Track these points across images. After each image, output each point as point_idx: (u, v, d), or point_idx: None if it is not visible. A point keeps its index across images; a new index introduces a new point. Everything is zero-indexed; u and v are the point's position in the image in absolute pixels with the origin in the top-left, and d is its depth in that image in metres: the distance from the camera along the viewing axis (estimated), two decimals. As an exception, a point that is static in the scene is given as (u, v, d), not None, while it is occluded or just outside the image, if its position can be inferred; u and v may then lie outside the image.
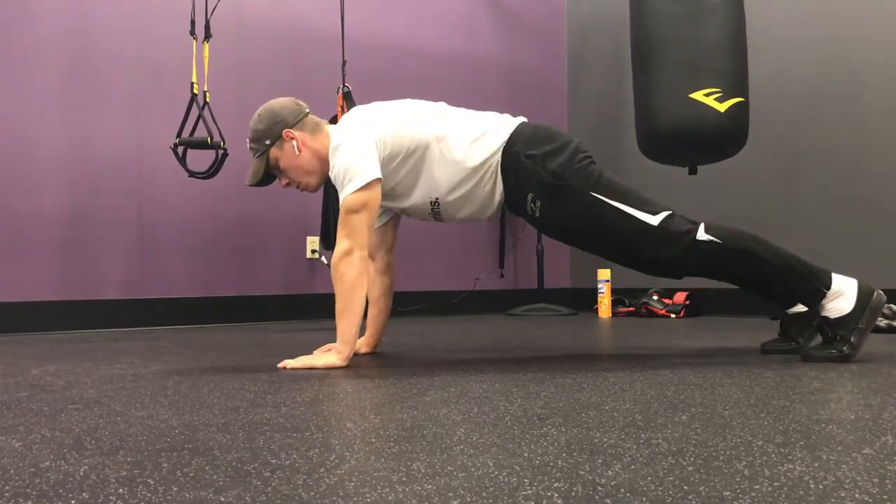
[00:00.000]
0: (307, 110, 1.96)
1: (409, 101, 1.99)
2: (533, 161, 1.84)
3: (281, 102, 1.95)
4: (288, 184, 1.98)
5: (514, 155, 1.86)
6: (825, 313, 1.79)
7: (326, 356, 1.81)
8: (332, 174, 1.85)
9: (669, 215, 1.81)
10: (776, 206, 3.59)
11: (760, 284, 1.87)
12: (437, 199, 1.93)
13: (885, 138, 3.24)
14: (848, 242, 3.31)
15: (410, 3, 4.12)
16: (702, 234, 1.79)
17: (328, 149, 1.88)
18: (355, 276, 1.77)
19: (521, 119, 1.97)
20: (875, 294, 1.78)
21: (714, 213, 3.78)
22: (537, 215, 1.88)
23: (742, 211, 3.71)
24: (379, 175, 1.80)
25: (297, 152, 1.90)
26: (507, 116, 1.97)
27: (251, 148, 1.94)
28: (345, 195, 1.79)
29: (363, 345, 2.13)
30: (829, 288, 1.78)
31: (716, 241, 1.79)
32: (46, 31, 3.13)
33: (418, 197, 1.93)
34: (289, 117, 1.91)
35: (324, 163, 1.91)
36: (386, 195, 1.92)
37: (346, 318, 1.79)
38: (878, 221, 3.24)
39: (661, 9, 2.67)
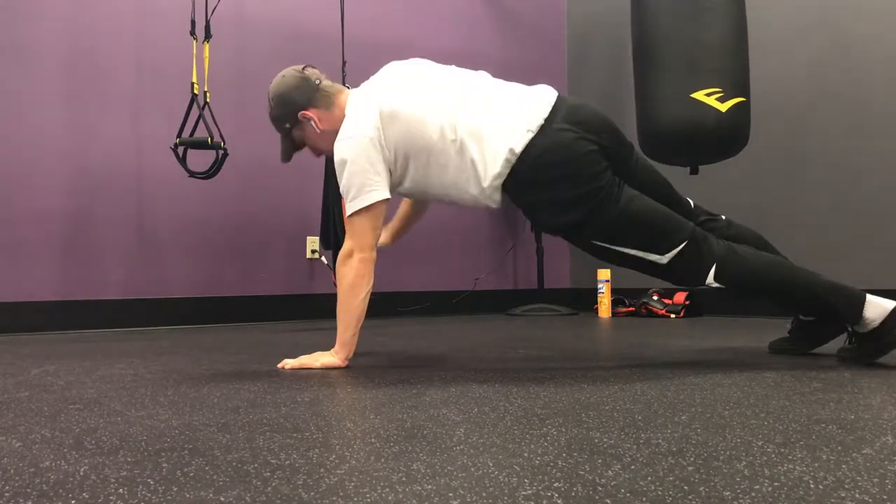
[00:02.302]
0: (316, 82, 1.90)
1: (428, 78, 1.87)
2: (536, 204, 1.75)
3: (288, 84, 1.89)
4: (320, 153, 1.98)
5: (518, 185, 1.73)
6: (861, 329, 1.71)
7: (325, 356, 1.81)
8: (339, 184, 1.82)
9: (680, 253, 1.71)
10: (777, 205, 3.59)
11: (792, 305, 1.85)
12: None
13: (886, 138, 3.24)
14: (849, 242, 3.31)
15: (410, 3, 4.12)
16: (710, 282, 1.72)
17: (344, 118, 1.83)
18: (352, 277, 1.77)
19: (541, 116, 1.73)
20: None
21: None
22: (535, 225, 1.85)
23: (743, 210, 3.71)
24: (382, 197, 1.77)
25: (318, 130, 1.88)
26: (528, 107, 1.75)
27: (276, 129, 1.95)
28: (349, 210, 1.79)
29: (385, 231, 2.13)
30: (864, 301, 1.69)
31: (725, 289, 1.74)
32: (47, 31, 3.13)
33: (465, 188, 1.79)
34: (300, 99, 1.88)
35: None
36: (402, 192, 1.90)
37: (343, 320, 1.79)
38: (879, 221, 3.24)
39: (662, 8, 2.67)
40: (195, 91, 2.98)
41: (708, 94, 2.56)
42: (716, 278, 1.71)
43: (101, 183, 3.22)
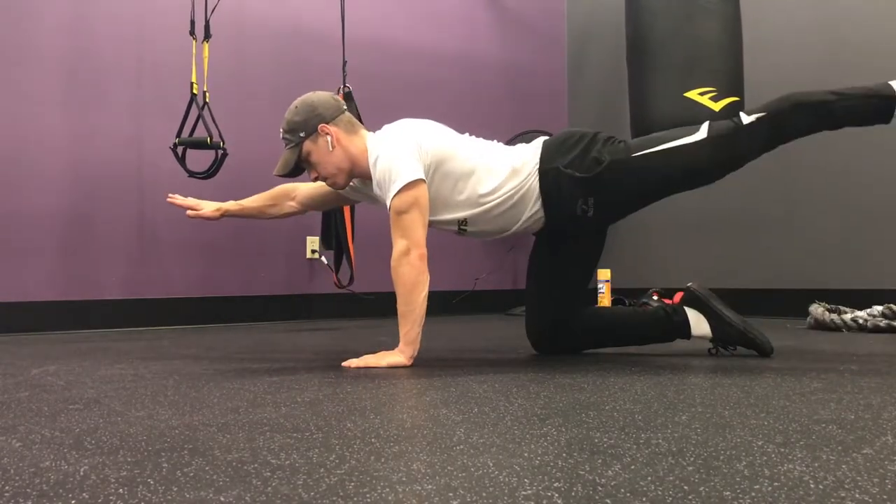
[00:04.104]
0: (344, 107, 1.97)
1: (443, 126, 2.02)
2: (573, 167, 1.85)
3: (320, 96, 1.95)
4: (317, 177, 1.97)
5: (552, 173, 1.86)
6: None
7: (390, 355, 1.80)
8: (375, 182, 1.85)
9: (710, 124, 1.88)
10: (771, 206, 3.59)
11: (837, 119, 1.89)
12: (465, 219, 1.92)
13: (881, 139, 3.23)
14: (844, 243, 3.31)
15: (410, 3, 4.12)
16: (745, 119, 1.86)
17: (361, 150, 1.90)
18: (415, 276, 1.77)
19: (543, 137, 1.98)
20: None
21: (709, 213, 3.81)
22: (591, 214, 1.88)
23: (737, 211, 3.71)
24: (422, 176, 1.80)
25: (331, 148, 1.90)
26: (533, 142, 1.98)
27: (284, 138, 1.93)
28: (390, 197, 1.79)
29: (221, 206, 2.11)
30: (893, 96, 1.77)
31: (761, 116, 1.86)
32: (47, 31, 3.13)
33: (448, 213, 1.92)
34: (326, 112, 1.91)
35: (355, 163, 1.92)
36: None
37: (409, 319, 1.79)
38: (874, 222, 3.24)
39: (656, 7, 2.67)
40: (194, 91, 2.98)
41: (701, 94, 2.56)
42: (748, 114, 1.88)
43: (101, 183, 3.22)
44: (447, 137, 1.92)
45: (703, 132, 1.86)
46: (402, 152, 1.81)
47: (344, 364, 1.78)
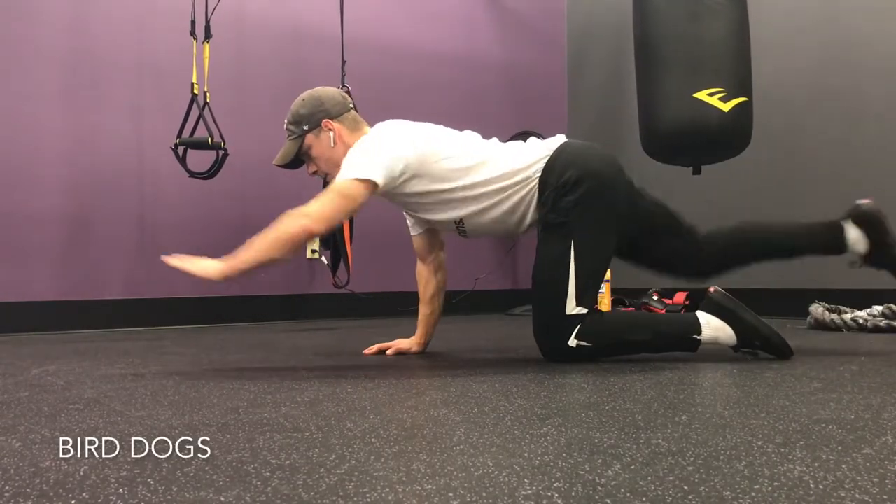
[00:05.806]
0: (351, 105, 1.97)
1: (446, 128, 1.95)
2: (557, 192, 1.80)
3: (328, 91, 1.96)
4: (315, 172, 1.98)
5: (548, 186, 1.82)
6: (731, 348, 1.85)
7: (203, 262, 1.72)
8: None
9: (583, 315, 1.78)
10: (779, 205, 3.58)
11: (652, 351, 1.89)
12: (461, 219, 1.91)
13: (887, 139, 3.24)
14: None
15: (410, 3, 4.12)
16: (572, 342, 1.77)
17: None
18: (288, 237, 1.70)
19: (562, 139, 1.91)
20: (718, 298, 1.84)
21: (717, 213, 3.80)
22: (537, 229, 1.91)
23: (745, 211, 3.71)
24: (377, 180, 1.76)
25: (332, 144, 1.91)
26: (549, 140, 1.91)
27: (287, 129, 1.94)
28: (340, 177, 1.78)
29: (413, 344, 2.10)
30: (700, 333, 1.81)
31: (588, 347, 1.79)
32: (47, 31, 3.13)
33: (445, 213, 1.90)
34: (332, 108, 1.92)
35: None
36: (410, 207, 1.94)
37: (252, 254, 1.71)
38: (878, 221, 3.24)
39: (664, 8, 2.67)
40: (195, 91, 2.98)
41: (710, 94, 2.56)
42: (576, 336, 1.77)
43: (102, 183, 3.22)
44: (441, 137, 1.89)
45: (573, 310, 1.77)
46: (380, 149, 1.79)
47: (162, 257, 1.72)
